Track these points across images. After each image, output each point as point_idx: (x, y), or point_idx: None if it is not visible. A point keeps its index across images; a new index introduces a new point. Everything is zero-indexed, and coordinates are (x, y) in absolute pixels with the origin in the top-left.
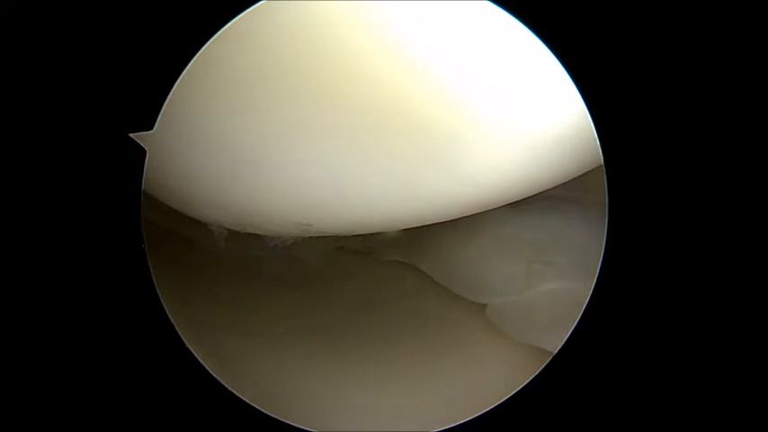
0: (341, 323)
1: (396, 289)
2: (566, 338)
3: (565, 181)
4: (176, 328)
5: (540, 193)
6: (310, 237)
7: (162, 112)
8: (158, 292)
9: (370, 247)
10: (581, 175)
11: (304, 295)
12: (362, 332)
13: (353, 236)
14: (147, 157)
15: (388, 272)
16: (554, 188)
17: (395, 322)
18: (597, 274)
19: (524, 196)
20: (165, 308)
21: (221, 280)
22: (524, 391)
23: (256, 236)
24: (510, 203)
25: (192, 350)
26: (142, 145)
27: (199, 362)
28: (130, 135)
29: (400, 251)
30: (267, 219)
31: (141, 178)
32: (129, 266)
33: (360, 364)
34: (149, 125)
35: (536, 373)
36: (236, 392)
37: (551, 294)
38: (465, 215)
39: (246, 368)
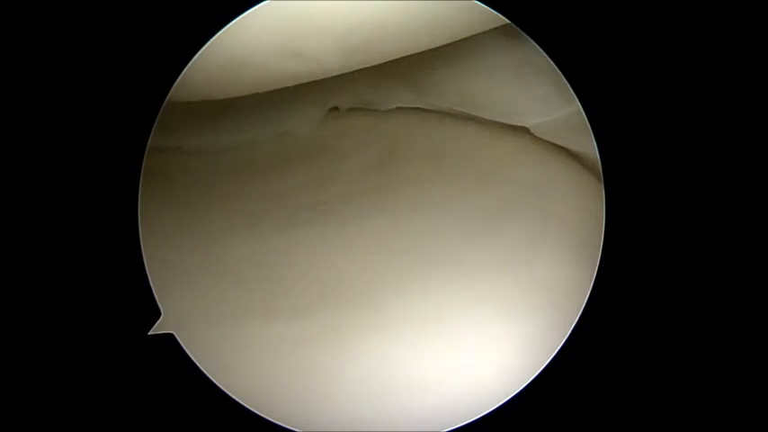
0: None
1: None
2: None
3: None
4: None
5: None
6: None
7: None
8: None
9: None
10: None
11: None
12: None
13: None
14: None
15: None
16: None
17: None
18: (597, 268)
19: None
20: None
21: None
22: (524, 391)
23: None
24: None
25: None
26: None
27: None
28: None
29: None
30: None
31: (139, 179)
32: (126, 264)
33: None
34: (148, 125)
35: (536, 374)
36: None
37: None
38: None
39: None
